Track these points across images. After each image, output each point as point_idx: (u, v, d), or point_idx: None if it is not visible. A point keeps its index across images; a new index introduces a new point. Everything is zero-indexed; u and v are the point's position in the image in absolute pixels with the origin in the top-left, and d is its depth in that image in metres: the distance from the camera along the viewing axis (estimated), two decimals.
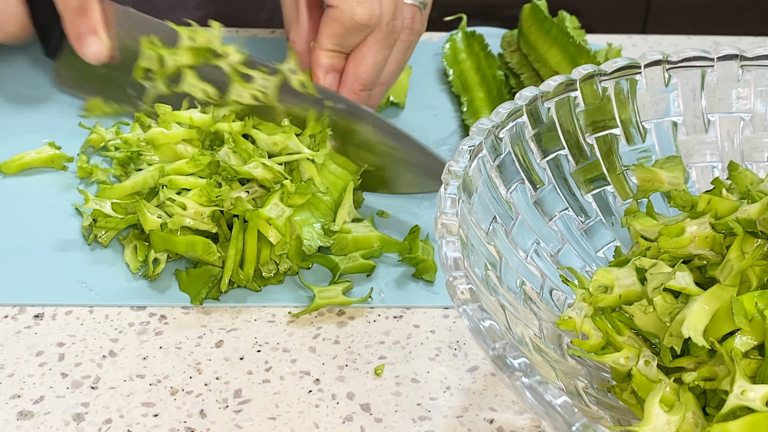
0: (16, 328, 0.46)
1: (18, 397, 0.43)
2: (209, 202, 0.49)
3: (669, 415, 0.36)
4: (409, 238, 0.51)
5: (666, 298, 0.40)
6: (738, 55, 0.48)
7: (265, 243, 0.49)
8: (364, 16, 0.56)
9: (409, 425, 0.42)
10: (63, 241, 0.52)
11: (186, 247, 0.48)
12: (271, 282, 0.49)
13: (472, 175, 0.41)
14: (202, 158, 0.52)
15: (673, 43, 0.78)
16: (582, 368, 0.40)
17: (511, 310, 0.39)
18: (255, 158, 0.52)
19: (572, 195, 0.47)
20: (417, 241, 0.51)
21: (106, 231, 0.51)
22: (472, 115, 0.63)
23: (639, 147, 0.48)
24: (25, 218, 0.53)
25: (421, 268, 0.50)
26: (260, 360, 0.45)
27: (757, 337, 0.37)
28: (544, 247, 0.45)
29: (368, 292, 0.49)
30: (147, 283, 0.49)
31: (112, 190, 0.52)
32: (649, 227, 0.43)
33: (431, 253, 0.51)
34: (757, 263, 0.39)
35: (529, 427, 0.42)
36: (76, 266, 0.50)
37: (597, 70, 0.47)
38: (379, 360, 0.46)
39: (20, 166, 0.57)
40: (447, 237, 0.37)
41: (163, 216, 0.50)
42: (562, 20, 0.68)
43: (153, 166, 0.53)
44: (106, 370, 0.44)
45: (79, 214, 0.53)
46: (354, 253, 0.50)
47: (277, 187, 0.50)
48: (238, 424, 0.42)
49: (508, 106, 0.44)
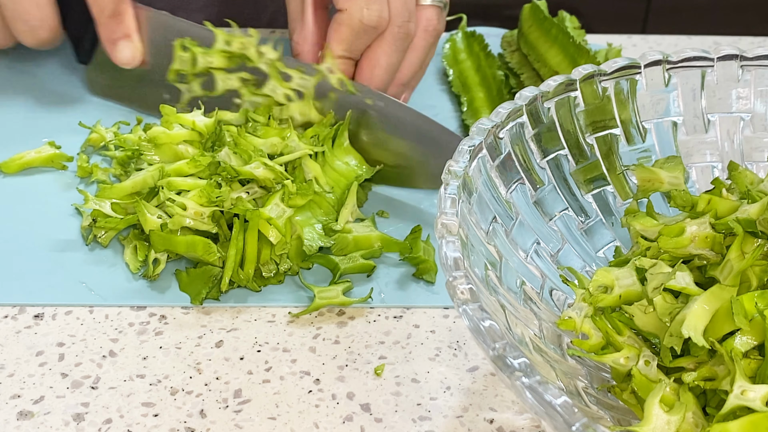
0: (16, 328, 0.46)
1: (18, 397, 0.43)
2: (209, 202, 0.49)
3: (669, 415, 0.36)
4: (410, 238, 0.51)
5: (666, 298, 0.40)
6: (738, 55, 0.48)
7: (266, 243, 0.49)
8: (373, 18, 0.56)
9: (409, 425, 0.42)
10: (63, 241, 0.52)
11: (186, 248, 0.48)
12: (272, 282, 0.49)
13: (472, 175, 0.41)
14: (203, 159, 0.52)
15: (673, 43, 0.78)
16: (582, 368, 0.40)
17: (511, 310, 0.39)
18: (256, 158, 0.52)
19: (572, 195, 0.47)
20: (418, 242, 0.51)
21: (106, 231, 0.51)
22: (472, 115, 0.63)
23: (639, 147, 0.48)
24: (25, 218, 0.53)
25: (422, 269, 0.50)
26: (260, 360, 0.45)
27: (757, 337, 0.37)
28: (544, 247, 0.45)
29: (368, 293, 0.49)
30: (147, 283, 0.49)
31: (111, 190, 0.52)
32: (649, 227, 0.43)
33: (432, 253, 0.51)
34: (757, 263, 0.39)
35: (529, 427, 0.42)
36: (76, 266, 0.50)
37: (597, 70, 0.47)
38: (379, 360, 0.46)
39: (20, 165, 0.57)
40: (447, 237, 0.37)
41: (163, 216, 0.50)
42: (562, 20, 0.68)
43: (153, 166, 0.53)
44: (106, 370, 0.44)
45: (79, 213, 0.53)
46: (354, 253, 0.50)
47: (278, 187, 0.50)
48: (238, 424, 0.42)
49: (508, 106, 0.44)
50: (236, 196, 0.50)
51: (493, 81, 0.66)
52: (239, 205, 0.49)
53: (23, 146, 0.58)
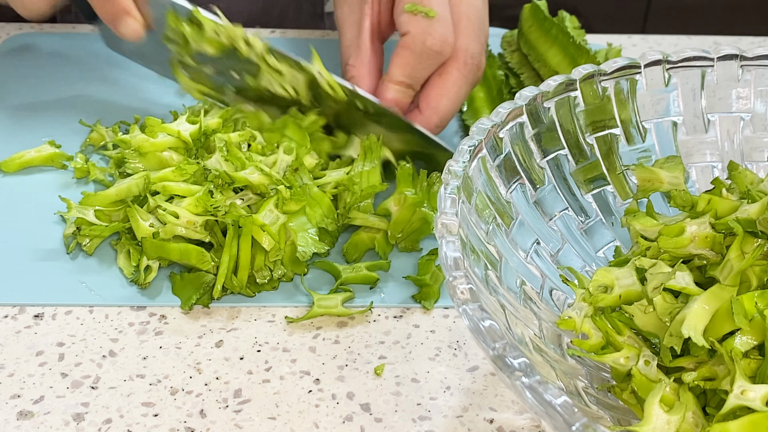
0: (16, 328, 0.46)
1: (18, 397, 0.43)
2: (204, 211, 0.49)
3: (669, 415, 0.36)
4: (424, 258, 0.50)
5: (666, 298, 0.40)
6: (738, 55, 0.48)
7: (259, 249, 0.48)
8: (437, 42, 0.55)
9: (409, 425, 0.42)
10: (63, 241, 0.51)
11: (180, 255, 0.48)
12: (266, 288, 0.49)
13: (472, 175, 0.41)
14: (188, 167, 0.52)
15: (673, 43, 0.78)
16: (582, 368, 0.40)
17: (511, 310, 0.39)
18: (251, 163, 0.51)
19: (572, 195, 0.47)
20: (431, 264, 0.50)
21: (91, 239, 0.50)
22: (472, 115, 0.63)
23: (639, 147, 0.48)
24: (24, 217, 0.53)
25: (424, 293, 0.49)
26: (260, 360, 0.45)
27: (757, 337, 0.37)
28: (544, 247, 0.45)
29: (368, 305, 0.48)
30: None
31: (95, 198, 0.52)
32: (649, 227, 0.43)
33: (440, 281, 0.49)
34: (757, 263, 0.39)
35: (529, 427, 0.42)
36: (76, 266, 0.50)
37: (597, 70, 0.47)
38: (379, 360, 0.46)
39: (20, 164, 0.57)
40: (447, 237, 0.37)
41: (156, 224, 0.49)
42: (562, 20, 0.68)
43: (138, 174, 0.52)
44: (106, 370, 0.44)
45: (64, 221, 0.53)
46: (359, 263, 0.50)
47: (272, 193, 0.50)
48: (238, 424, 0.42)
49: (508, 106, 0.44)
50: (230, 202, 0.49)
51: (493, 81, 0.66)
52: (233, 211, 0.48)
53: (23, 145, 0.58)
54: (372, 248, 0.52)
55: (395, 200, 0.52)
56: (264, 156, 0.54)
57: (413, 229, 0.51)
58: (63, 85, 0.66)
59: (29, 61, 0.68)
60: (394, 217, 0.51)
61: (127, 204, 0.50)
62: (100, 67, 0.68)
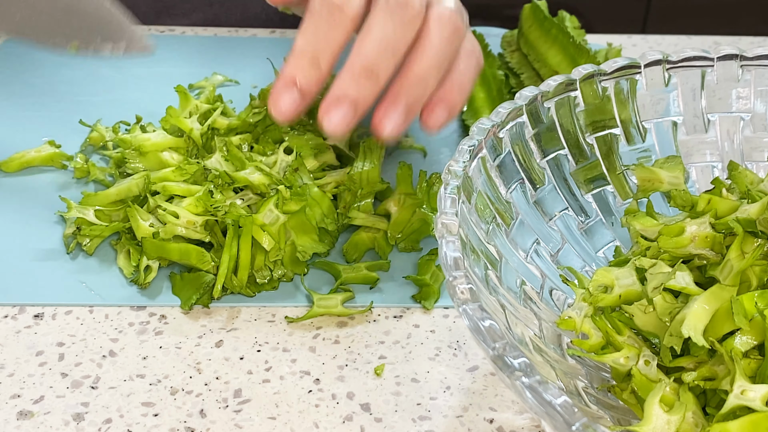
0: (16, 328, 0.46)
1: (18, 397, 0.43)
2: (204, 211, 0.49)
3: (669, 415, 0.36)
4: (424, 258, 0.50)
5: (666, 297, 0.39)
6: (738, 55, 0.48)
7: (260, 249, 0.48)
8: None
9: (409, 425, 0.42)
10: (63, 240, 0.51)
11: (180, 255, 0.48)
12: (266, 288, 0.49)
13: (472, 175, 0.41)
14: (188, 167, 0.52)
15: (673, 43, 0.78)
16: (582, 368, 0.40)
17: (511, 310, 0.39)
18: (252, 163, 0.51)
19: (572, 195, 0.47)
20: (431, 264, 0.50)
21: (91, 239, 0.50)
22: (472, 115, 0.63)
23: (639, 147, 0.48)
24: (24, 217, 0.53)
25: (424, 292, 0.49)
26: (260, 360, 0.45)
27: (757, 337, 0.37)
28: (544, 247, 0.45)
29: (369, 305, 0.48)
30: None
31: (95, 198, 0.52)
32: (649, 227, 0.43)
33: (440, 280, 0.50)
34: (757, 263, 0.39)
35: (529, 427, 0.42)
36: (76, 266, 0.50)
37: (597, 69, 0.47)
38: (379, 360, 0.46)
39: (20, 164, 0.57)
40: (447, 237, 0.37)
41: (156, 224, 0.49)
42: (562, 20, 0.68)
43: (138, 174, 0.52)
44: (106, 370, 0.44)
45: (64, 221, 0.53)
46: (359, 263, 0.50)
47: (272, 193, 0.50)
48: (238, 424, 0.42)
49: (508, 106, 0.44)
50: (230, 202, 0.50)
51: (493, 81, 0.66)
52: (233, 211, 0.48)
53: (23, 145, 0.58)
54: (372, 248, 0.52)
55: (395, 200, 0.52)
56: (264, 156, 0.54)
57: (413, 229, 0.51)
58: (63, 85, 0.66)
59: (29, 61, 0.68)
60: (394, 218, 0.51)
61: (127, 204, 0.50)
62: (101, 67, 0.68)
